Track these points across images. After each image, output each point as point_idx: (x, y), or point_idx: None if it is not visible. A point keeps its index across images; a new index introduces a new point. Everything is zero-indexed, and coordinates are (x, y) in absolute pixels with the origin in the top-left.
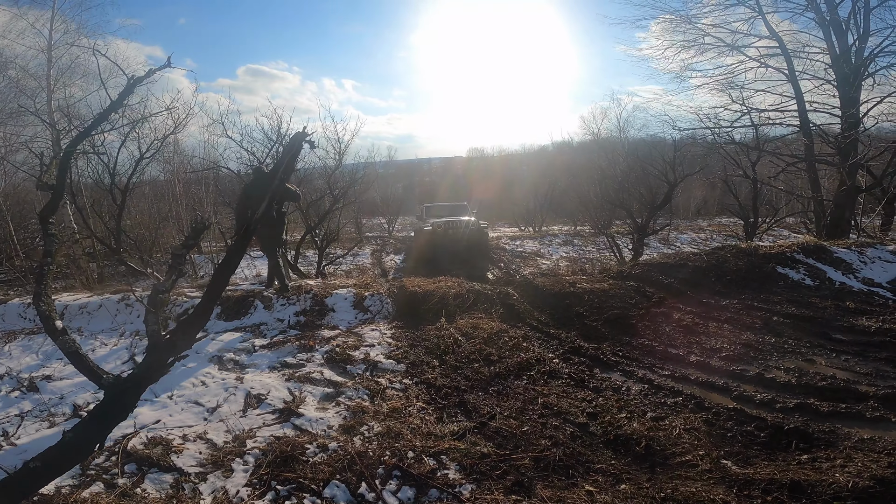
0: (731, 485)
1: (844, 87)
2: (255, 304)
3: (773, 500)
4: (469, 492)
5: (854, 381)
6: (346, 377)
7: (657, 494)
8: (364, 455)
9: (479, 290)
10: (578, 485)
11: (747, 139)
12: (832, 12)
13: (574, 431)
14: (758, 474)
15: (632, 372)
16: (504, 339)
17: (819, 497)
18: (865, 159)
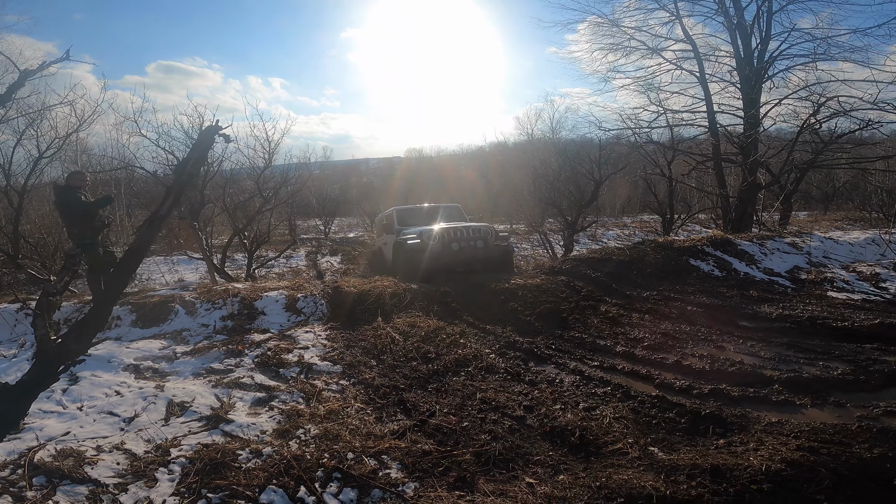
0: (658, 471)
1: (747, 89)
2: (176, 309)
3: (696, 484)
4: (412, 490)
5: (760, 366)
6: (280, 381)
7: (592, 483)
8: (301, 458)
9: (416, 288)
10: (519, 477)
11: (664, 139)
12: (739, 16)
13: (512, 425)
14: (682, 460)
15: (564, 364)
16: (441, 336)
17: (737, 481)
18: (765, 158)
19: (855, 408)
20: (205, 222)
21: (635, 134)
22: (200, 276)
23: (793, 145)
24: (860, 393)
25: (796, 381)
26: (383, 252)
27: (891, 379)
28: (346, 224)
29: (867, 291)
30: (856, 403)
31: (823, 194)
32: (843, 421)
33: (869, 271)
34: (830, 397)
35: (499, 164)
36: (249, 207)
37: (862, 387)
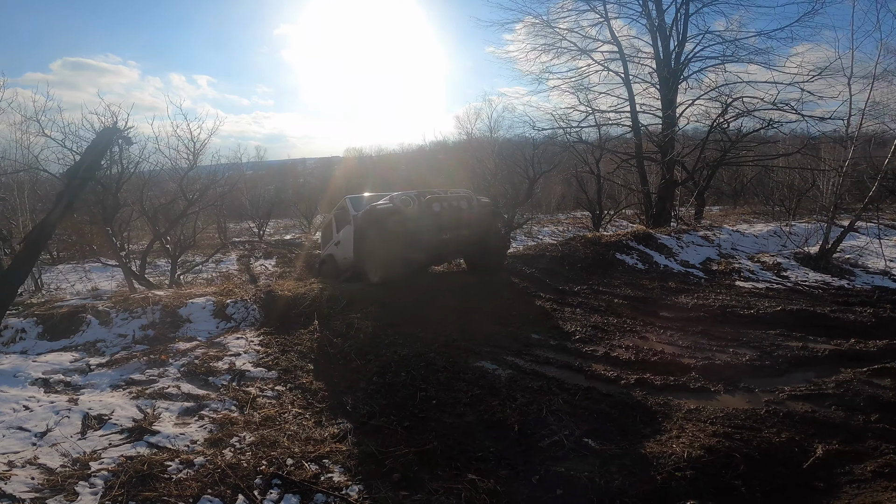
0: (593, 462)
1: (665, 90)
2: (88, 319)
3: (628, 473)
4: (357, 492)
5: (679, 355)
6: (210, 389)
7: (532, 477)
8: (237, 467)
9: (354, 290)
10: (462, 474)
11: (593, 138)
12: (660, 18)
13: (453, 422)
14: (614, 450)
15: (502, 359)
16: (381, 337)
17: (663, 468)
18: (680, 156)
19: (763, 392)
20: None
21: (566, 133)
22: (117, 284)
23: (703, 144)
24: (766, 378)
25: (710, 368)
26: (336, 256)
27: (793, 363)
28: (281, 226)
29: (770, 280)
30: (763, 388)
31: (733, 190)
32: (753, 406)
33: (772, 261)
34: (741, 383)
35: (439, 163)
36: (172, 210)
37: (768, 372)
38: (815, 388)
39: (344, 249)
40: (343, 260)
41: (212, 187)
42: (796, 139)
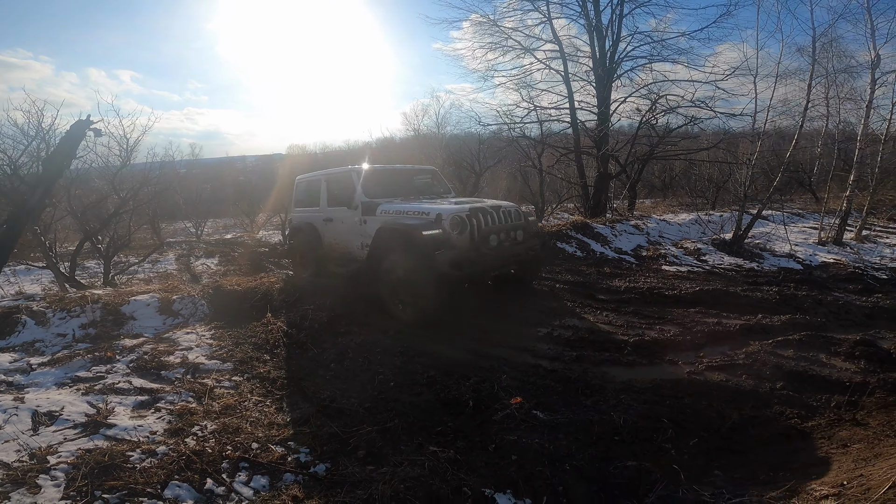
0: (542, 431)
1: (600, 87)
2: (24, 320)
3: (574, 439)
4: (324, 470)
5: (613, 332)
6: (163, 383)
7: (489, 446)
8: (202, 453)
9: (307, 282)
10: (424, 447)
11: (535, 134)
12: (597, 18)
13: (412, 401)
14: (560, 420)
15: (454, 343)
16: (337, 325)
17: (604, 434)
18: (614, 150)
19: (685, 364)
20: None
21: (510, 129)
22: (44, 286)
23: (633, 139)
24: (688, 351)
25: (641, 344)
26: (321, 231)
27: (710, 338)
28: (221, 225)
29: (692, 264)
30: (685, 360)
31: (663, 182)
32: (677, 377)
33: (693, 247)
34: (666, 356)
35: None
36: (103, 209)
37: (689, 346)
38: (728, 359)
39: (339, 234)
40: (334, 244)
41: (145, 186)
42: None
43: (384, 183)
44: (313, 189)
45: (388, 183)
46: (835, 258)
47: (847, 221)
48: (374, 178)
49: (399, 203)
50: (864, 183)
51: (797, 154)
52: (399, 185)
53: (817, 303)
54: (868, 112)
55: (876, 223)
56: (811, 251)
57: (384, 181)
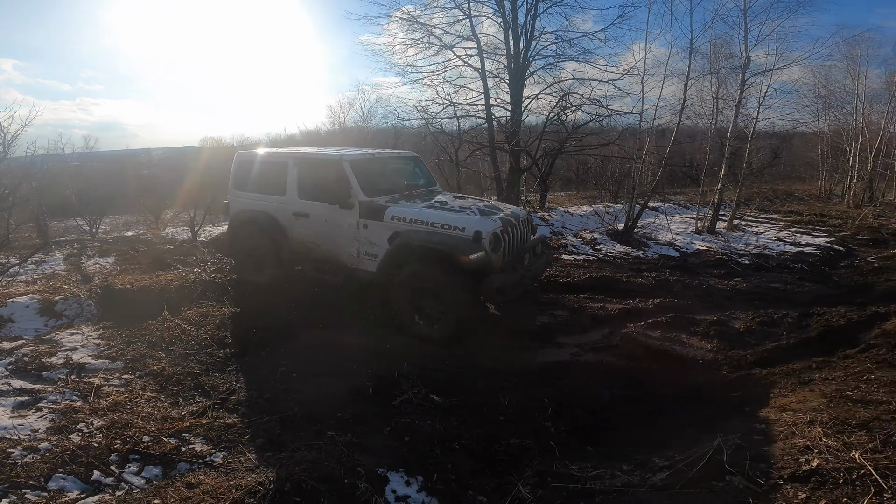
0: (435, 414)
1: (514, 85)
2: None
3: (464, 421)
4: (222, 458)
5: (510, 319)
6: (45, 384)
7: (385, 429)
8: (88, 448)
9: (208, 279)
10: (323, 432)
11: (454, 129)
12: (513, 17)
13: (314, 390)
14: (452, 403)
15: (358, 334)
16: (240, 321)
17: (492, 415)
18: (526, 145)
19: (570, 346)
20: None
21: (428, 124)
22: None
23: (541, 135)
24: (574, 334)
25: (534, 330)
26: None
27: (594, 321)
28: (121, 222)
29: (588, 253)
30: (570, 343)
31: (576, 176)
32: (561, 359)
33: (590, 237)
34: (556, 339)
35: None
36: None
37: (575, 329)
38: (606, 340)
39: (320, 235)
40: (310, 245)
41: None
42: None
43: (376, 175)
44: (271, 172)
45: (379, 174)
46: (707, 246)
47: (720, 212)
48: (369, 171)
49: (414, 207)
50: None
51: (688, 150)
52: (387, 176)
53: (686, 287)
54: (737, 111)
55: (747, 213)
56: (689, 240)
57: (376, 172)
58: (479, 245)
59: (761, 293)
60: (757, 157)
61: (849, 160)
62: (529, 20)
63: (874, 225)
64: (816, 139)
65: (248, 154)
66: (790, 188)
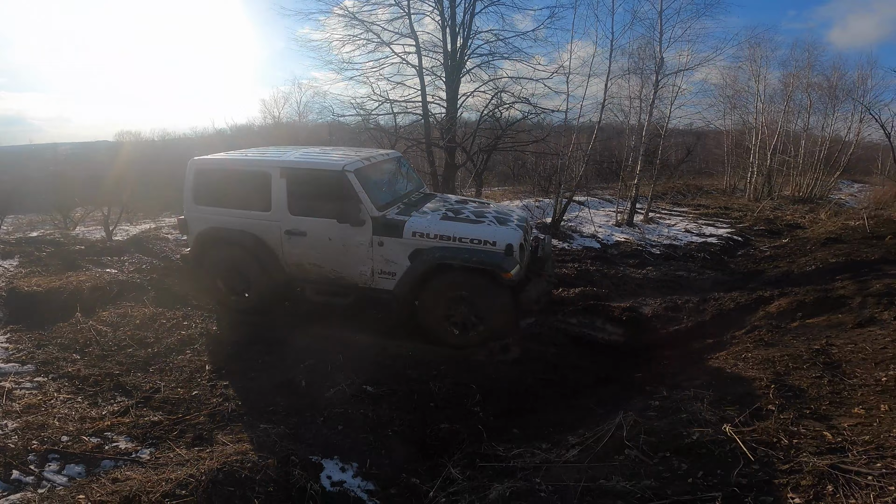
0: (369, 402)
1: (450, 82)
2: None
3: (396, 408)
4: (149, 454)
5: None
6: None
7: (318, 419)
8: (4, 448)
9: (125, 279)
10: (255, 425)
11: (390, 125)
12: (451, 14)
13: (246, 385)
14: (385, 392)
15: (289, 328)
16: (161, 321)
17: (422, 401)
18: (462, 141)
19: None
20: None
21: (365, 120)
22: None
23: (475, 131)
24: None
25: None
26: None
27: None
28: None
29: None
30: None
31: (511, 171)
32: (489, 348)
33: None
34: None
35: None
36: None
37: None
38: (530, 329)
39: (323, 255)
40: (311, 266)
41: None
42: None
43: (379, 183)
44: (248, 184)
45: (380, 182)
46: (625, 237)
47: (638, 206)
48: (371, 179)
49: (433, 220)
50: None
51: (616, 146)
52: (386, 182)
53: (604, 276)
54: (651, 110)
55: (662, 207)
56: (609, 232)
57: (377, 180)
58: (514, 258)
59: (669, 281)
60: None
61: (750, 157)
62: (467, 18)
63: (770, 217)
64: (724, 137)
65: (209, 162)
66: (701, 183)
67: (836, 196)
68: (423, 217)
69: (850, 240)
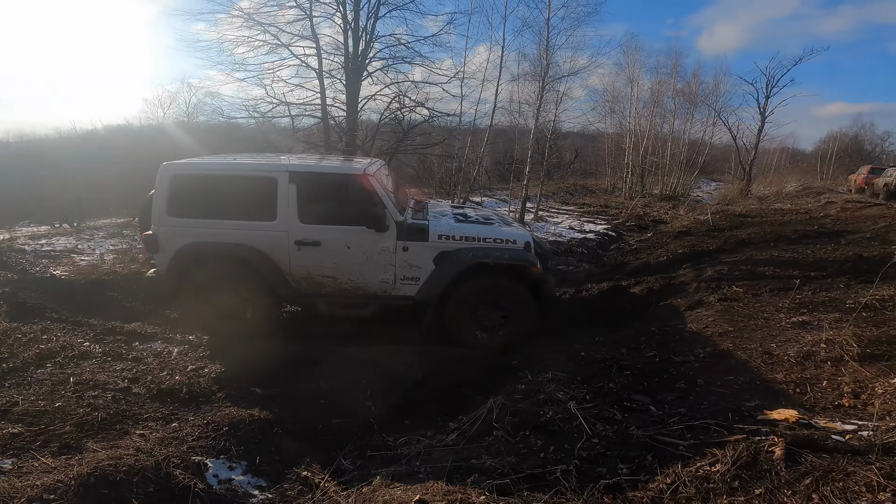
0: (259, 403)
1: (351, 85)
2: None
3: (284, 407)
4: (11, 464)
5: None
6: None
7: (201, 422)
8: None
9: None
10: (130, 432)
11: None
12: (354, 17)
13: (116, 395)
14: (275, 392)
15: (171, 338)
16: (15, 336)
17: (313, 399)
18: (362, 144)
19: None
20: None
21: (258, 122)
22: None
23: (374, 135)
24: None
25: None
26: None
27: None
28: None
29: None
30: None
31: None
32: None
33: None
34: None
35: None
36: None
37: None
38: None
39: (338, 265)
40: (322, 278)
41: None
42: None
43: (389, 187)
44: (247, 191)
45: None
46: None
47: (529, 205)
48: (385, 183)
49: (453, 223)
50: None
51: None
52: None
53: None
54: (538, 113)
55: (551, 206)
56: None
57: (387, 184)
58: (532, 254)
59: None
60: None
61: (625, 158)
62: (370, 22)
63: (641, 213)
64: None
65: (190, 167)
66: (587, 183)
67: (695, 193)
68: (439, 220)
69: (698, 232)
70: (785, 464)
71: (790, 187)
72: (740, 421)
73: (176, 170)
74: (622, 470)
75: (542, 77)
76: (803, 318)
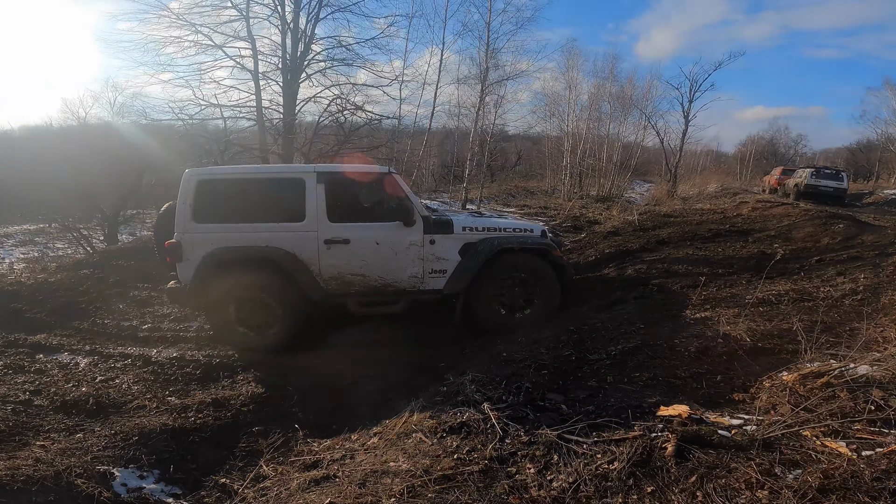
0: (171, 412)
1: (288, 87)
2: None
3: (203, 415)
4: None
5: None
6: None
7: (109, 432)
8: None
9: None
10: (31, 444)
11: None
12: (294, 19)
13: (16, 408)
14: (192, 400)
15: (79, 349)
16: None
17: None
18: (299, 147)
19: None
20: None
21: (186, 124)
22: None
23: (312, 137)
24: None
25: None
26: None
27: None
28: None
29: None
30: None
31: None
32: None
33: None
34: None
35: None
36: None
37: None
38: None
39: (367, 261)
40: (351, 275)
41: None
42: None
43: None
44: (277, 193)
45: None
46: None
47: (471, 207)
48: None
49: (472, 217)
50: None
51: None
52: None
53: None
54: (477, 116)
55: (493, 208)
56: None
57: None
58: (549, 241)
59: None
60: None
61: (564, 160)
62: (311, 24)
63: (577, 214)
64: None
65: (215, 173)
66: (528, 185)
67: (628, 194)
68: (458, 216)
69: (625, 232)
70: (675, 460)
71: (711, 188)
72: (640, 417)
73: (195, 177)
74: (529, 469)
75: (483, 80)
76: (706, 313)
